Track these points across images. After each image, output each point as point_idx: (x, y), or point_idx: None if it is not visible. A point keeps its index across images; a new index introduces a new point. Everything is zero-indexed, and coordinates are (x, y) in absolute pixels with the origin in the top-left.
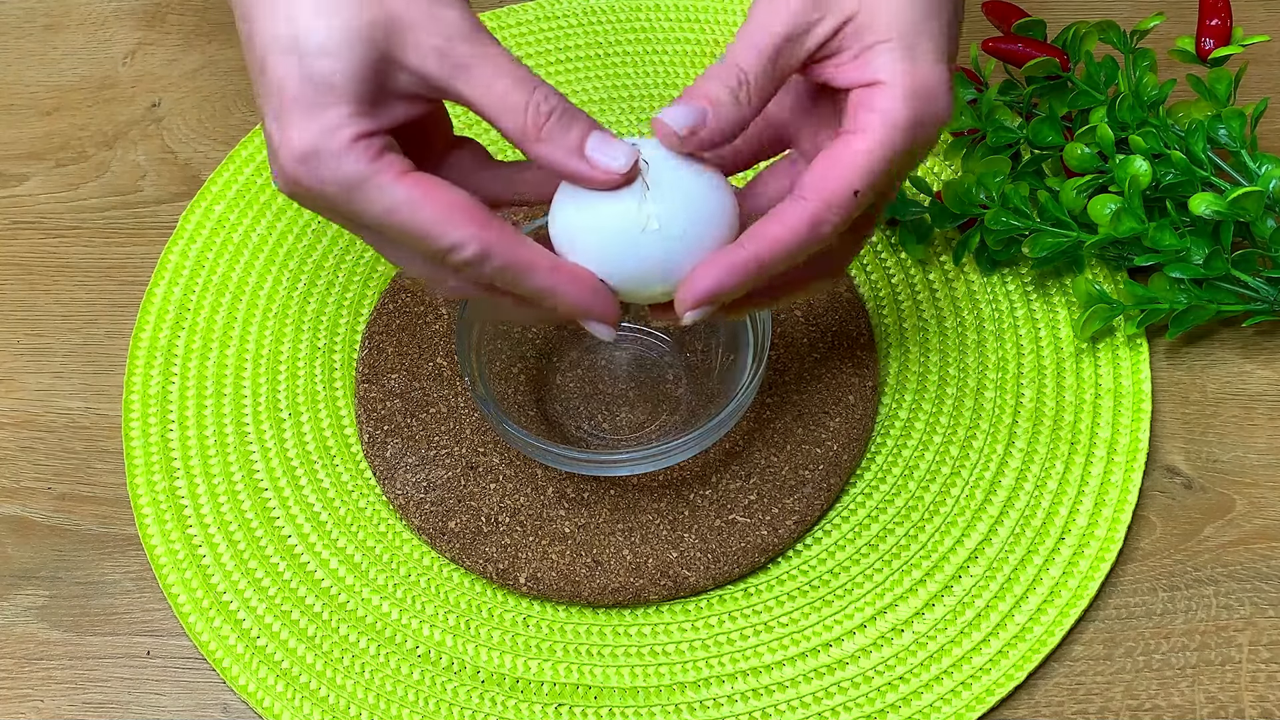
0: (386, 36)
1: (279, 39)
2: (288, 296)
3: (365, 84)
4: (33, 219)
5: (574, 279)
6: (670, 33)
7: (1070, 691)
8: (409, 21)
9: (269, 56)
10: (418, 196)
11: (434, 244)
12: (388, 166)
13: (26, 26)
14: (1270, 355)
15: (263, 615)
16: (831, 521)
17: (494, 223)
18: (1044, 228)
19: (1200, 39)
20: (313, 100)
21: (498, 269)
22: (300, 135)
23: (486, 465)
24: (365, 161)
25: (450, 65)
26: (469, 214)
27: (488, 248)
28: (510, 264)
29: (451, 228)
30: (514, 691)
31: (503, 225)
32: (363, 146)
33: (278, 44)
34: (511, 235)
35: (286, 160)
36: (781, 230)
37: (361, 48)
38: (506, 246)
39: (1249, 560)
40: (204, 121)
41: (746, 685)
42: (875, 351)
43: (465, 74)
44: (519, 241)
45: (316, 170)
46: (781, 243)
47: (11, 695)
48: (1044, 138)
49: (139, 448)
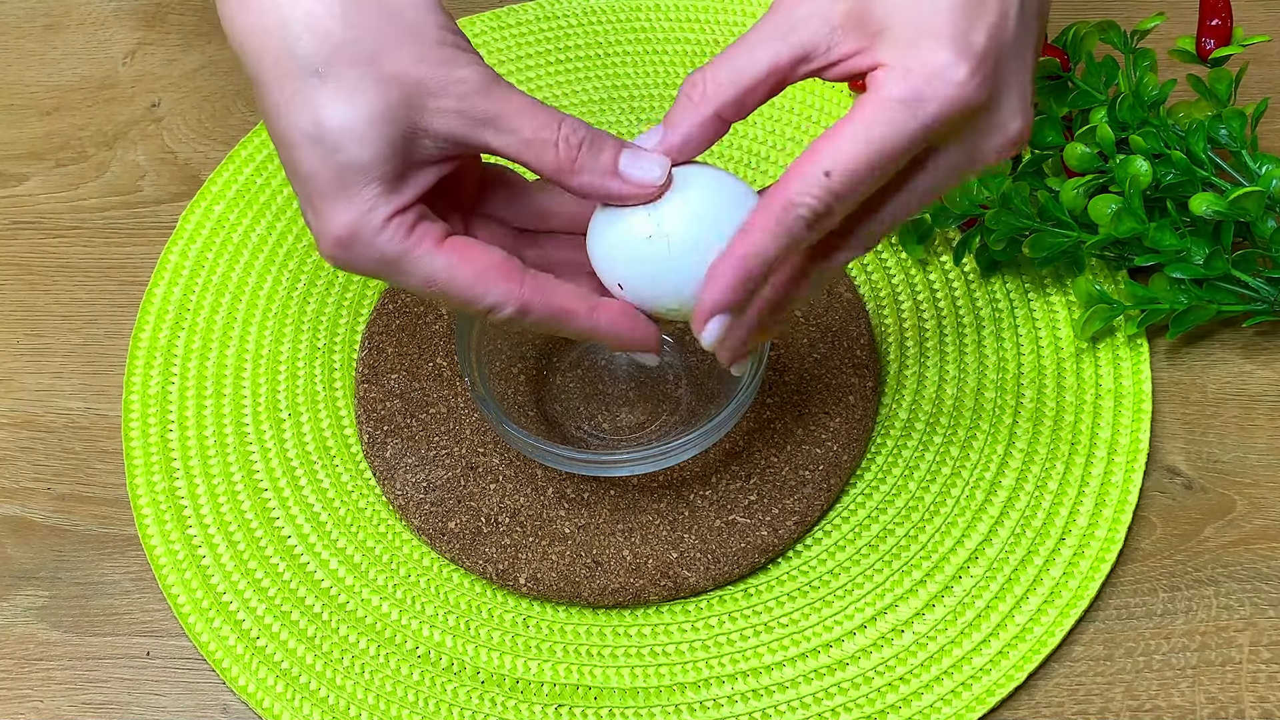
0: (408, 112)
1: (303, 129)
2: (288, 296)
3: (392, 162)
4: (33, 219)
5: (612, 318)
6: (670, 33)
7: (1070, 692)
8: (428, 89)
9: (295, 150)
10: (455, 263)
11: (475, 306)
12: (422, 239)
13: (26, 26)
14: (1270, 355)
15: (262, 616)
16: (831, 522)
17: (528, 278)
18: (1044, 228)
19: (1201, 39)
20: (342, 188)
21: (537, 321)
22: (335, 223)
23: (486, 465)
24: (399, 240)
25: (474, 122)
26: (503, 274)
27: (526, 304)
28: (550, 316)
29: (490, 289)
30: (514, 692)
31: (536, 279)
32: (395, 224)
33: (303, 135)
34: (546, 287)
35: (325, 245)
36: (757, 224)
37: (385, 129)
38: (543, 300)
39: (1249, 561)
40: (204, 121)
41: (746, 686)
42: (875, 351)
43: (490, 126)
44: (555, 291)
45: (356, 253)
46: (758, 236)
47: (11, 695)
48: (1044, 138)
49: (139, 448)
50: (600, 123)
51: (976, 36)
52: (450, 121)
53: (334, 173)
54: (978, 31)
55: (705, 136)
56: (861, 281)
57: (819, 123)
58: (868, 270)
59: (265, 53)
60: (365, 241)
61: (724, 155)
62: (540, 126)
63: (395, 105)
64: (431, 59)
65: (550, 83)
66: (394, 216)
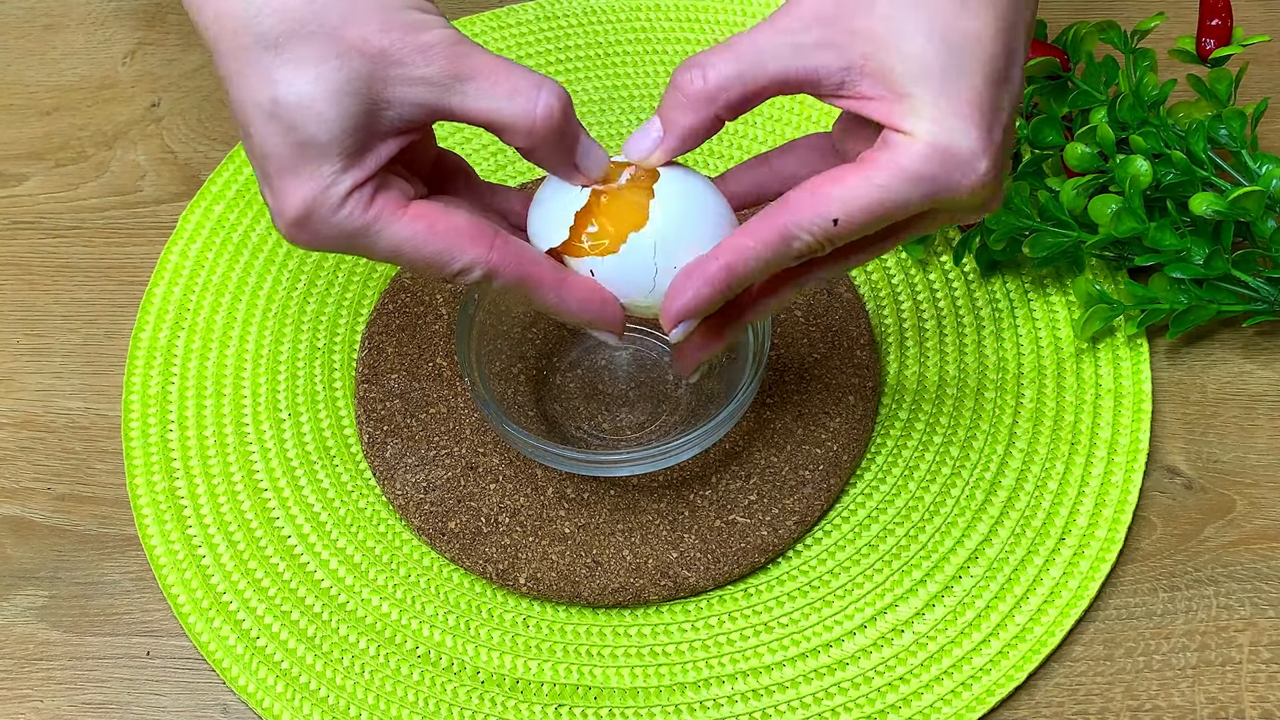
0: (370, 84)
1: (260, 105)
2: (288, 296)
3: (353, 137)
4: (33, 219)
5: (581, 293)
6: (670, 33)
7: (1070, 692)
8: (392, 58)
9: (252, 124)
10: (420, 230)
11: (443, 271)
12: (383, 209)
13: (26, 26)
14: (1270, 355)
15: (262, 616)
16: (831, 522)
17: (499, 241)
18: (1044, 228)
19: (1201, 39)
20: (299, 164)
21: (504, 287)
22: (291, 200)
23: (486, 465)
24: (359, 214)
25: (442, 88)
26: (473, 237)
27: (494, 268)
28: (518, 282)
29: (458, 253)
30: (514, 692)
31: (507, 242)
32: (355, 199)
33: (259, 110)
34: (517, 252)
35: (283, 224)
36: (752, 242)
37: (346, 102)
38: (513, 265)
39: (1249, 561)
40: (204, 121)
41: (746, 686)
42: (875, 351)
43: (459, 92)
44: (525, 257)
45: (315, 230)
46: (751, 252)
47: (11, 695)
48: (1044, 138)
49: (139, 448)
50: (600, 122)
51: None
52: (417, 90)
53: (290, 150)
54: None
55: (702, 137)
56: (861, 281)
57: (818, 123)
58: (868, 270)
59: (224, 26)
60: (323, 219)
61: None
62: (514, 92)
63: (357, 78)
64: (396, 26)
65: None
66: (353, 191)
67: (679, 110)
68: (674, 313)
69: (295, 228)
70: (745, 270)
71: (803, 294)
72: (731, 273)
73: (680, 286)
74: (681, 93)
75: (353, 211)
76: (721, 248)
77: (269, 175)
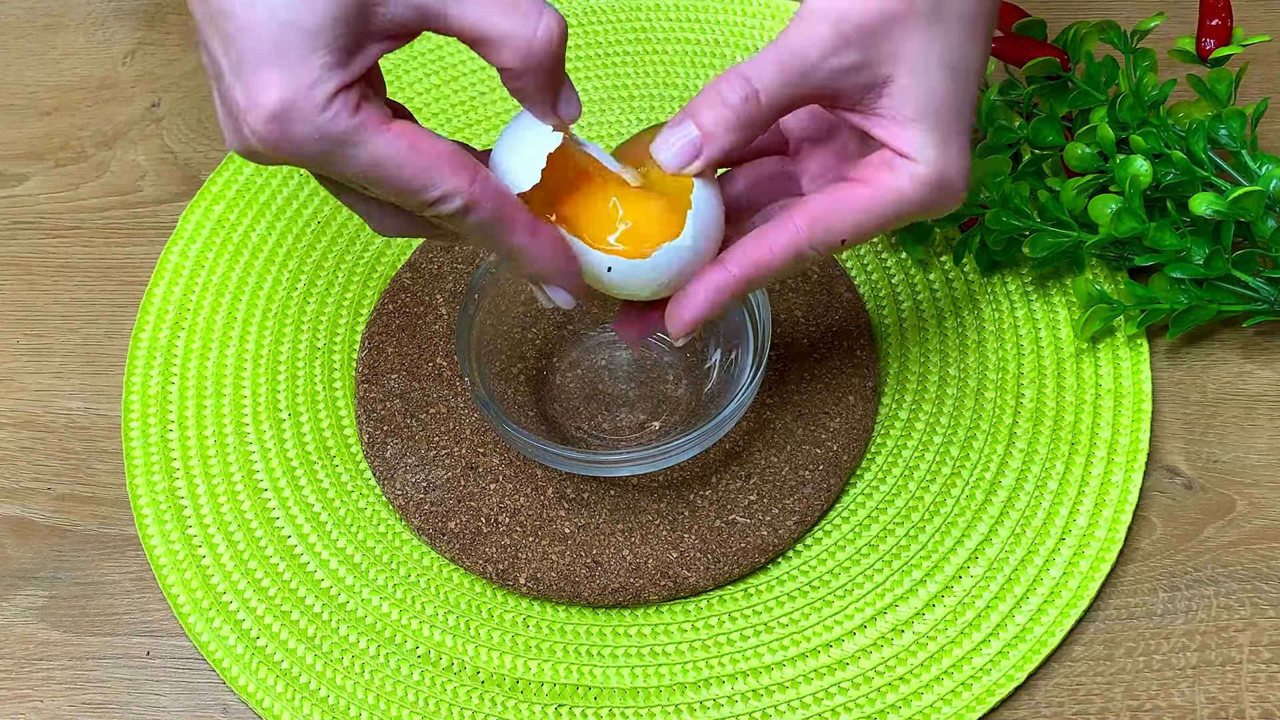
0: None
1: None
2: (288, 296)
3: (342, 28)
4: (33, 219)
5: (549, 244)
6: (670, 33)
7: (1070, 692)
8: None
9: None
10: (404, 149)
11: (419, 197)
12: (367, 119)
13: (26, 26)
14: (1270, 355)
15: (262, 616)
16: (831, 522)
17: (480, 174)
18: (1044, 228)
19: (1201, 39)
20: (281, 55)
21: (479, 223)
22: (271, 92)
23: (486, 465)
24: (344, 118)
25: None
26: (456, 165)
27: (473, 201)
28: (492, 220)
29: (439, 179)
30: (514, 692)
31: (489, 177)
32: (340, 101)
33: None
34: (496, 189)
35: (256, 120)
36: (769, 255)
37: None
38: (492, 202)
39: (1249, 561)
40: (204, 121)
41: (746, 686)
42: (875, 351)
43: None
44: (504, 197)
45: (291, 132)
46: (767, 266)
47: (11, 695)
48: (1044, 138)
49: (139, 448)
50: (600, 123)
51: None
52: None
53: (274, 37)
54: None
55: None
56: (861, 281)
57: None
58: (868, 270)
59: None
60: (304, 118)
61: None
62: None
63: None
64: None
65: None
66: (340, 92)
67: (726, 128)
68: (689, 321)
69: (270, 124)
70: (758, 280)
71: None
72: (748, 284)
73: (695, 295)
74: (732, 111)
75: (338, 114)
76: (739, 259)
77: (242, 70)
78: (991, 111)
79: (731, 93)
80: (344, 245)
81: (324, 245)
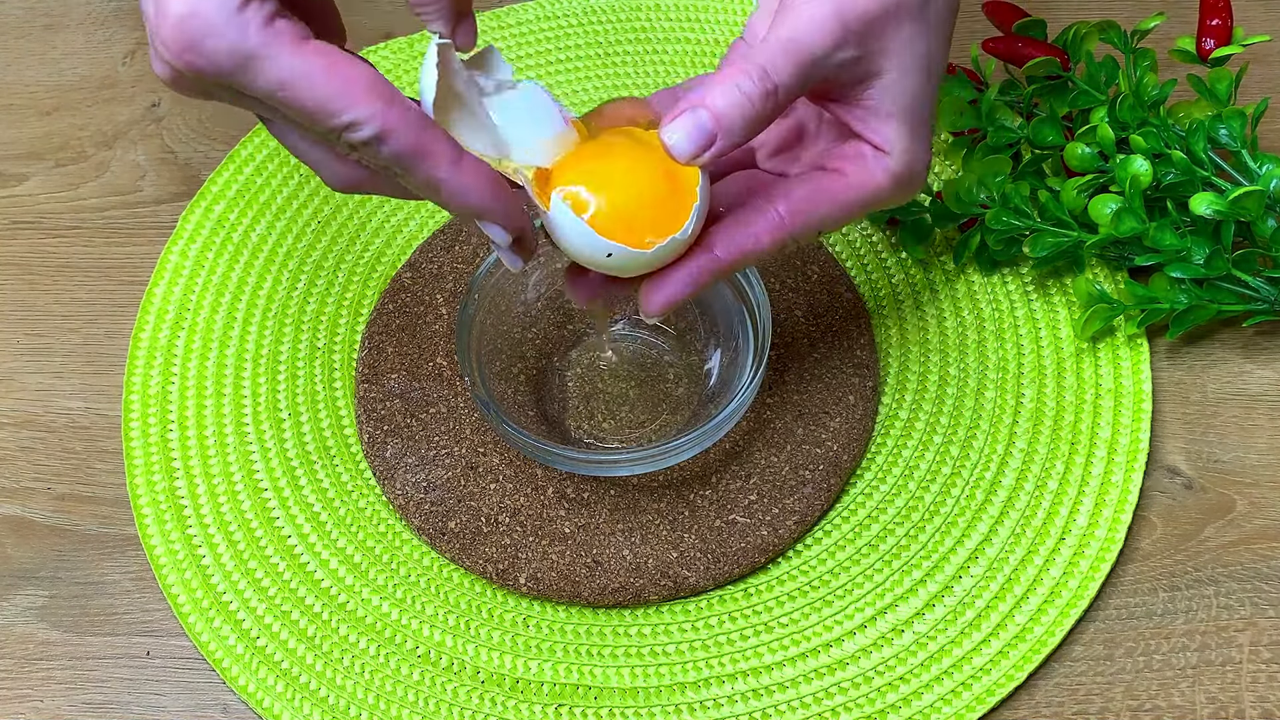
0: None
1: None
2: (288, 296)
3: None
4: (33, 219)
5: (475, 178)
6: (670, 33)
7: (1070, 692)
8: None
9: None
10: (316, 69)
11: (329, 121)
12: (282, 33)
13: (26, 26)
14: (1270, 355)
15: (262, 615)
16: (831, 522)
17: (398, 101)
18: (1045, 227)
19: (1201, 39)
20: None
21: (394, 154)
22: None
23: (486, 465)
24: (255, 30)
25: None
26: (372, 89)
27: (388, 129)
28: (409, 150)
29: (350, 103)
30: (514, 691)
31: (408, 106)
32: (254, 10)
33: None
34: (416, 118)
35: (165, 31)
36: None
37: None
38: (409, 130)
39: (1249, 560)
40: (204, 121)
41: (746, 685)
42: (875, 351)
43: None
44: (422, 127)
45: (198, 41)
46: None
47: (11, 695)
48: (1044, 137)
49: (139, 448)
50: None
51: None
52: None
53: None
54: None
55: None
56: (861, 281)
57: None
58: (868, 270)
59: None
60: (212, 29)
61: None
62: None
63: None
64: None
65: (550, 83)
66: (251, 2)
67: (744, 122)
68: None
69: (177, 32)
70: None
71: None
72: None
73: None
74: (752, 105)
75: (248, 25)
76: (726, 246)
77: None
78: (991, 111)
79: (751, 86)
80: (344, 245)
81: (324, 245)
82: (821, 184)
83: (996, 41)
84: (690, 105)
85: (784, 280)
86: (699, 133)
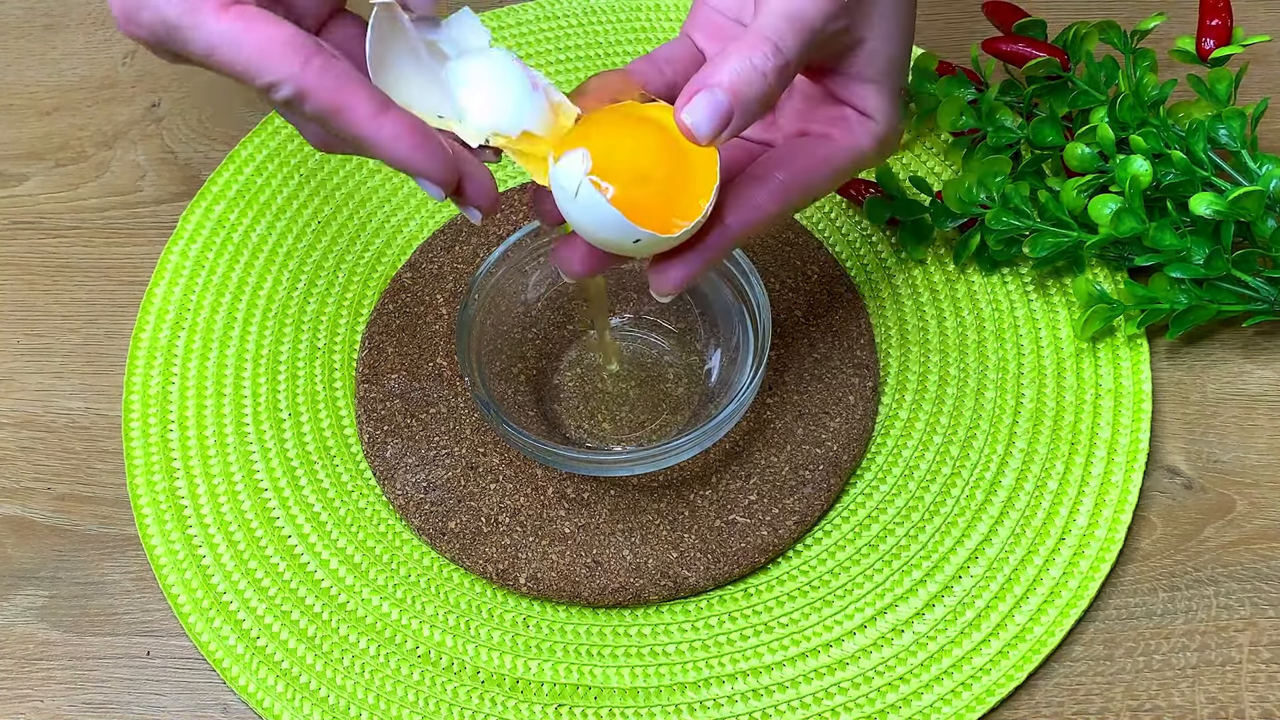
0: None
1: None
2: (288, 296)
3: None
4: (33, 219)
5: (398, 131)
6: (670, 33)
7: (1070, 692)
8: None
9: None
10: (237, 33)
11: (254, 83)
12: (204, 2)
13: (26, 26)
14: (1270, 355)
15: (263, 615)
16: (831, 522)
17: (316, 60)
18: (1044, 228)
19: (1201, 39)
20: None
21: (316, 111)
22: None
23: (486, 465)
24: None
25: None
26: (288, 51)
27: (303, 89)
28: (328, 106)
29: (269, 65)
30: (514, 691)
31: (326, 63)
32: None
33: None
34: (334, 75)
35: (114, 7)
36: (762, 213)
37: None
38: (327, 90)
39: (1249, 561)
40: (204, 121)
41: (747, 685)
42: (875, 352)
43: None
44: (342, 83)
45: (135, 14)
46: (757, 223)
47: (11, 695)
48: (1044, 138)
49: (139, 448)
50: None
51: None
52: None
53: None
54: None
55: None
56: (861, 281)
57: None
58: (868, 270)
59: None
60: (145, 1)
61: None
62: None
63: None
64: None
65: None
66: None
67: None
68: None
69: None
70: (752, 235)
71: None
72: (741, 239)
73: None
74: (765, 81)
75: None
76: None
77: None
78: (991, 111)
79: (765, 61)
80: (344, 245)
81: (324, 245)
82: (814, 149)
83: (996, 41)
84: (704, 85)
85: (784, 280)
86: (717, 113)
